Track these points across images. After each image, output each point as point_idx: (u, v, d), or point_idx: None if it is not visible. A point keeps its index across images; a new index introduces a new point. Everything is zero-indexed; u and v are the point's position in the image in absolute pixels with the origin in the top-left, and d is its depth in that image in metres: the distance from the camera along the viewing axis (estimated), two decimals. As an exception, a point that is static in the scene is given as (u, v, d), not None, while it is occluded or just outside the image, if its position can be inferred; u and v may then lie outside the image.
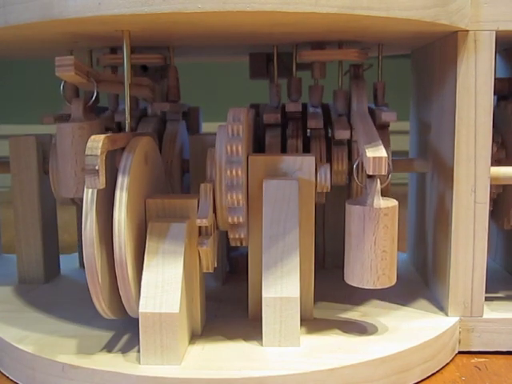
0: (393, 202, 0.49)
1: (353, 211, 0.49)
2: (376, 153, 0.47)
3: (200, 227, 0.49)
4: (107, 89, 0.55)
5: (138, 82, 0.57)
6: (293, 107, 0.59)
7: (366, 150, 0.48)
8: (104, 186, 0.45)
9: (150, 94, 0.59)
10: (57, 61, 0.47)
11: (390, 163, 0.48)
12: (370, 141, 0.50)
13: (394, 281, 0.50)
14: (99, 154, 0.44)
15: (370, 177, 0.48)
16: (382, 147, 0.48)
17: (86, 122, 0.50)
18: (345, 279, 0.51)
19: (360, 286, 0.49)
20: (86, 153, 0.44)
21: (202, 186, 0.50)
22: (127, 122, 0.53)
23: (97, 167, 0.44)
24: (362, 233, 0.48)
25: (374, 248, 0.48)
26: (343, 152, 0.58)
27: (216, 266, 0.52)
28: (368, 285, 0.49)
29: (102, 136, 0.45)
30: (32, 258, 0.66)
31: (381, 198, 0.49)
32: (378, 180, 0.49)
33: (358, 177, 0.50)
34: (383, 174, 0.47)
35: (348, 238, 0.49)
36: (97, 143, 0.44)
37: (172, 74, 0.64)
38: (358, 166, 0.51)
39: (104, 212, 0.47)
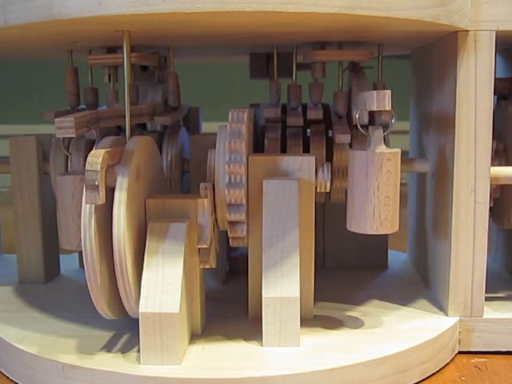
0: (395, 149, 0.49)
1: (356, 156, 0.49)
2: (379, 91, 0.47)
3: (199, 250, 0.49)
4: (109, 123, 0.55)
5: (139, 111, 0.57)
6: (294, 121, 0.59)
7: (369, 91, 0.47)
8: (104, 201, 0.45)
9: (150, 120, 0.59)
10: (57, 122, 0.47)
11: (393, 113, 0.48)
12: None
13: (396, 227, 0.50)
14: (99, 169, 0.44)
15: (372, 122, 0.47)
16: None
17: None
18: (347, 227, 0.50)
19: (363, 232, 0.49)
20: (86, 168, 0.45)
21: (200, 201, 0.49)
22: (127, 122, 0.53)
23: (97, 182, 0.44)
24: (364, 178, 0.48)
25: (377, 193, 0.48)
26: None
27: (215, 266, 0.52)
28: (371, 230, 0.49)
29: (102, 151, 0.46)
30: (32, 258, 0.66)
31: (383, 145, 0.49)
32: (381, 127, 0.49)
33: (360, 125, 0.50)
34: (387, 108, 0.46)
35: (351, 185, 0.49)
36: (97, 158, 0.45)
37: (172, 79, 0.63)
38: (360, 113, 0.50)
39: (104, 212, 0.47)
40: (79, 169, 0.50)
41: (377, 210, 0.48)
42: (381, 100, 0.46)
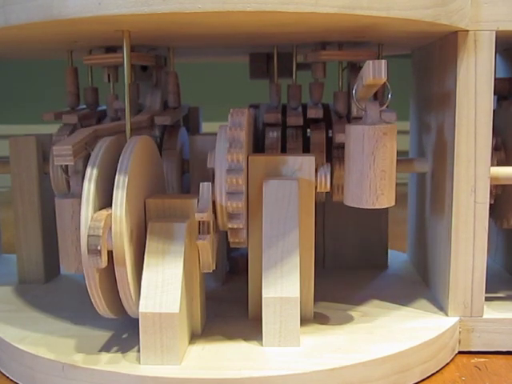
0: (391, 124, 0.49)
1: (352, 131, 0.49)
2: (375, 60, 0.46)
3: (199, 224, 0.49)
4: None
5: (138, 125, 0.57)
6: (294, 121, 0.59)
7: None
8: (106, 264, 0.45)
9: (149, 132, 0.59)
10: (55, 150, 0.47)
11: (389, 86, 0.48)
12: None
13: (392, 202, 0.50)
14: (101, 234, 0.45)
15: (369, 98, 0.48)
16: None
17: None
18: (344, 201, 0.51)
19: (359, 207, 0.49)
20: (88, 233, 0.45)
21: (201, 184, 0.49)
22: (127, 125, 0.53)
23: (99, 247, 0.45)
24: (361, 153, 0.48)
25: (374, 167, 0.48)
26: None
27: (215, 266, 0.52)
28: (367, 205, 0.49)
29: (104, 215, 0.46)
30: (32, 258, 0.66)
31: (380, 119, 0.49)
32: (377, 101, 0.49)
33: (357, 100, 0.50)
34: (383, 78, 0.46)
35: (347, 159, 0.50)
36: (99, 223, 0.45)
37: (172, 79, 0.63)
38: (356, 88, 0.50)
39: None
40: (78, 191, 0.50)
41: (373, 184, 0.48)
42: (377, 69, 0.46)
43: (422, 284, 0.65)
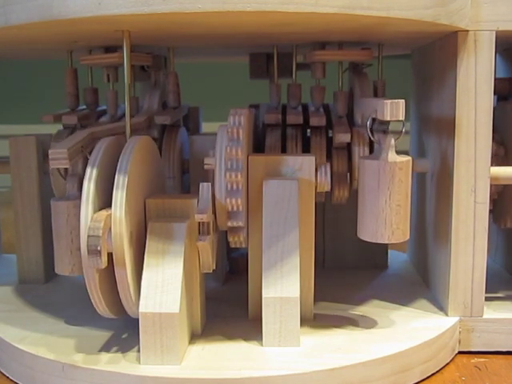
0: (406, 157, 0.49)
1: (367, 166, 0.49)
2: (393, 101, 0.47)
3: (199, 225, 0.49)
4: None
5: (136, 126, 0.57)
6: (293, 119, 0.59)
7: (382, 100, 0.47)
8: (106, 264, 0.45)
9: (146, 133, 0.59)
10: (50, 154, 0.47)
11: (404, 123, 0.48)
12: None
13: (407, 236, 0.50)
14: (101, 234, 0.45)
15: (384, 132, 0.48)
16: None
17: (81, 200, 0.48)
18: (358, 235, 0.51)
19: (374, 241, 0.49)
20: (88, 233, 0.45)
21: (201, 184, 0.50)
22: (127, 126, 0.53)
23: (99, 248, 0.45)
24: (376, 187, 0.48)
25: (389, 202, 0.48)
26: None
27: (215, 266, 0.52)
28: (382, 239, 0.49)
29: (104, 215, 0.46)
30: (32, 258, 0.66)
31: (394, 153, 0.49)
32: (392, 135, 0.49)
33: (371, 133, 0.50)
34: (400, 119, 0.46)
35: (362, 194, 0.50)
36: (98, 223, 0.45)
37: (172, 79, 0.63)
38: (371, 121, 0.50)
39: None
40: (73, 194, 0.50)
41: (388, 218, 0.48)
42: (394, 110, 0.46)
43: (422, 284, 0.65)
